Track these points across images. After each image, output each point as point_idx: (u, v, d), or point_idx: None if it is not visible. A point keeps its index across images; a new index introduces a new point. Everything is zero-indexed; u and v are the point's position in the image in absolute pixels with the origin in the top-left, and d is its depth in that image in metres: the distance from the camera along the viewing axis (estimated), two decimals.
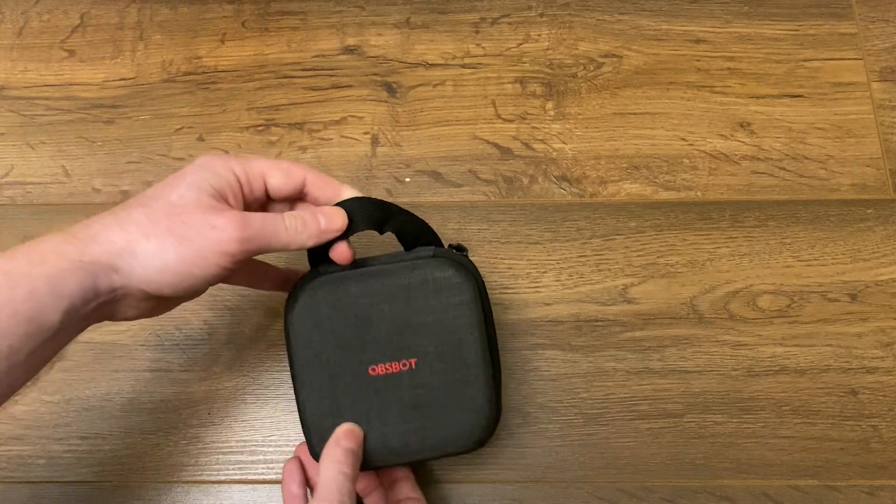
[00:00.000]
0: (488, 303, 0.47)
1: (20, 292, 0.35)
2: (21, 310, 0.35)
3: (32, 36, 0.68)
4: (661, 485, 0.52)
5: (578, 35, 0.67)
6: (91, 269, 0.37)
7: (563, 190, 0.61)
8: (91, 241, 0.38)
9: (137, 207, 0.40)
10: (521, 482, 0.52)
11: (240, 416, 0.54)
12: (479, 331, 0.46)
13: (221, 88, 0.65)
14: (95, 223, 0.39)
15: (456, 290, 0.46)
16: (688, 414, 0.54)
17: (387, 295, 0.45)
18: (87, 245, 0.38)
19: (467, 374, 0.45)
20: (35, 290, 0.36)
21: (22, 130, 0.64)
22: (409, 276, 0.46)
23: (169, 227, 0.39)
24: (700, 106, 0.64)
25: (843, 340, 0.56)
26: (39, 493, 0.52)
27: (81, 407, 0.54)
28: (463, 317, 0.45)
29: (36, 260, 0.36)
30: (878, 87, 0.65)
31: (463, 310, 0.45)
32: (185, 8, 0.69)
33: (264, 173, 0.43)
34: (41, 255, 0.37)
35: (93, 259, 0.38)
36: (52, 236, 0.38)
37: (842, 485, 0.52)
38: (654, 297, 0.57)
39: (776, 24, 0.67)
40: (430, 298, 0.46)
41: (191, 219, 0.39)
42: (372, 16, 0.68)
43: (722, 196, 0.61)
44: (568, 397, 0.54)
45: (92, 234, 0.38)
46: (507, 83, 0.65)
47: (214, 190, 0.41)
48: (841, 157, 0.62)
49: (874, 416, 0.54)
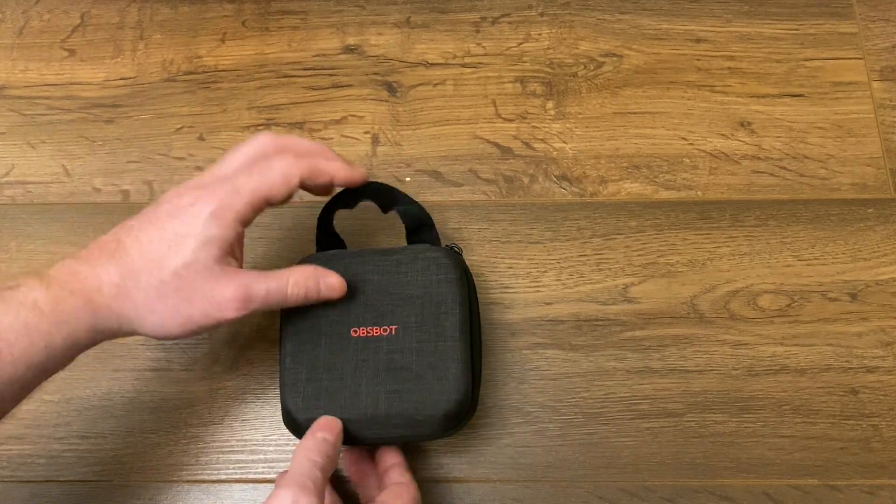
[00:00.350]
0: (475, 293, 0.50)
1: (39, 348, 0.39)
2: (35, 362, 0.39)
3: (33, 35, 0.68)
4: (661, 484, 0.52)
5: (579, 34, 0.67)
6: (102, 332, 0.42)
7: (564, 189, 0.61)
8: (107, 310, 0.41)
9: (145, 272, 0.42)
10: (521, 482, 0.52)
11: (240, 415, 0.54)
12: (462, 309, 0.48)
13: (222, 88, 0.65)
14: (106, 284, 0.41)
15: (444, 270, 0.49)
16: (688, 413, 0.54)
17: (378, 267, 0.49)
18: (102, 313, 0.41)
19: (445, 345, 0.47)
20: (51, 347, 0.40)
21: (22, 130, 0.64)
22: (402, 253, 0.49)
23: (176, 305, 0.42)
24: (700, 105, 0.64)
25: (844, 340, 0.56)
26: (40, 492, 0.52)
27: (82, 406, 0.55)
28: (448, 294, 0.48)
29: (56, 321, 0.40)
30: (879, 87, 0.64)
31: (449, 287, 0.48)
32: (185, 7, 0.69)
33: (269, 198, 0.44)
34: (61, 318, 0.40)
35: (107, 328, 0.42)
36: (71, 297, 0.41)
37: (842, 484, 0.52)
38: (655, 297, 0.57)
39: (777, 23, 0.67)
40: (418, 274, 0.48)
41: (196, 293, 0.42)
42: (372, 15, 0.68)
43: (722, 195, 0.61)
44: (568, 396, 0.54)
45: (104, 302, 0.41)
46: (507, 83, 0.65)
47: (221, 251, 0.42)
48: (841, 156, 0.62)
49: (874, 415, 0.54)
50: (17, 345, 0.39)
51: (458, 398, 0.46)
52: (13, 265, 0.59)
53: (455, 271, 0.49)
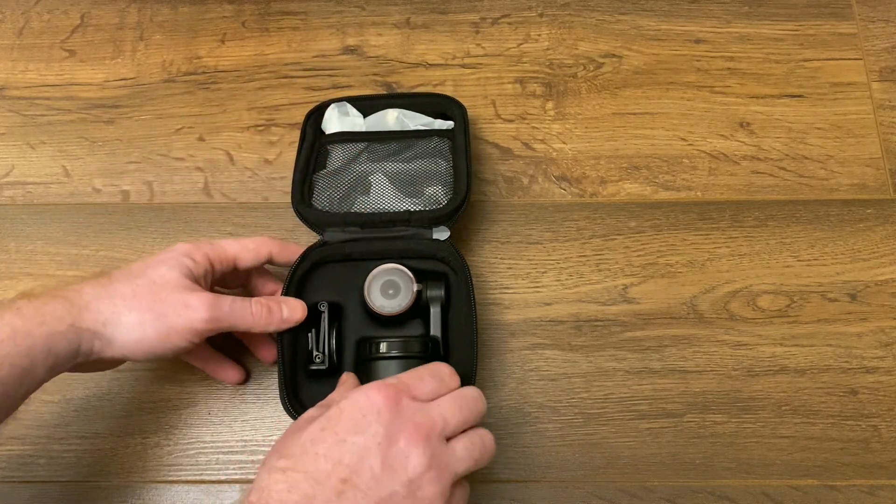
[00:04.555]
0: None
1: (22, 348, 0.41)
2: (18, 363, 0.41)
3: (33, 36, 0.68)
4: (660, 484, 0.52)
5: (578, 35, 0.67)
6: (80, 335, 0.43)
7: (563, 190, 0.61)
8: (84, 309, 0.44)
9: (123, 281, 0.45)
10: (521, 482, 0.52)
11: (240, 416, 0.54)
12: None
13: (222, 88, 0.65)
14: (87, 291, 0.44)
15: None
16: (688, 414, 0.54)
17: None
18: (80, 312, 0.43)
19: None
20: (33, 347, 0.41)
21: (22, 130, 0.64)
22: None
23: (150, 304, 0.45)
24: (700, 106, 0.64)
25: (843, 340, 0.56)
26: (40, 492, 0.52)
27: (82, 407, 0.55)
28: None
29: (38, 321, 0.42)
30: (878, 87, 0.65)
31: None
32: (185, 8, 0.69)
33: (236, 258, 0.50)
34: (42, 317, 0.42)
35: (84, 326, 0.43)
36: (52, 300, 0.43)
37: (841, 484, 0.52)
38: (654, 297, 0.57)
39: (776, 24, 0.67)
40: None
41: (168, 297, 0.45)
42: (372, 16, 0.68)
43: (722, 196, 0.61)
44: (568, 397, 0.55)
45: (85, 302, 0.44)
46: (507, 83, 0.65)
47: (190, 273, 0.47)
48: (841, 157, 0.62)
49: (874, 415, 0.54)
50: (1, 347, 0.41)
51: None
52: (12, 266, 0.59)
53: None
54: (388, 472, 0.37)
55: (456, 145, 0.57)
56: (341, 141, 0.58)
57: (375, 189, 0.55)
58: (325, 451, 0.37)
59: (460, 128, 0.58)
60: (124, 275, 0.46)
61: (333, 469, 0.37)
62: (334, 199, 0.55)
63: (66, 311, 0.43)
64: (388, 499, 0.37)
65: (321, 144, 0.58)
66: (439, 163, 0.56)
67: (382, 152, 0.57)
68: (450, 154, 0.57)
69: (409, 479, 0.37)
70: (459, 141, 0.57)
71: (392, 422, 0.38)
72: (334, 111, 0.59)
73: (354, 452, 0.37)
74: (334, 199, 0.55)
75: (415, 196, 0.55)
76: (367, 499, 0.36)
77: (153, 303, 0.45)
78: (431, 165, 0.56)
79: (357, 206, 0.55)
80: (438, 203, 0.54)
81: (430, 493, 0.37)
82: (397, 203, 0.54)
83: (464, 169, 0.55)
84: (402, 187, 0.55)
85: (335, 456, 0.37)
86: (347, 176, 0.56)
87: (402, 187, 0.55)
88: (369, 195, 0.55)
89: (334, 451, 0.37)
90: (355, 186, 0.56)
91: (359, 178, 0.56)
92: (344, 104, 0.60)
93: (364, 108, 0.60)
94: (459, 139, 0.57)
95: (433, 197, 0.55)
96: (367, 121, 0.59)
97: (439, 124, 0.59)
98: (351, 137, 0.58)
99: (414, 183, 0.55)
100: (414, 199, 0.55)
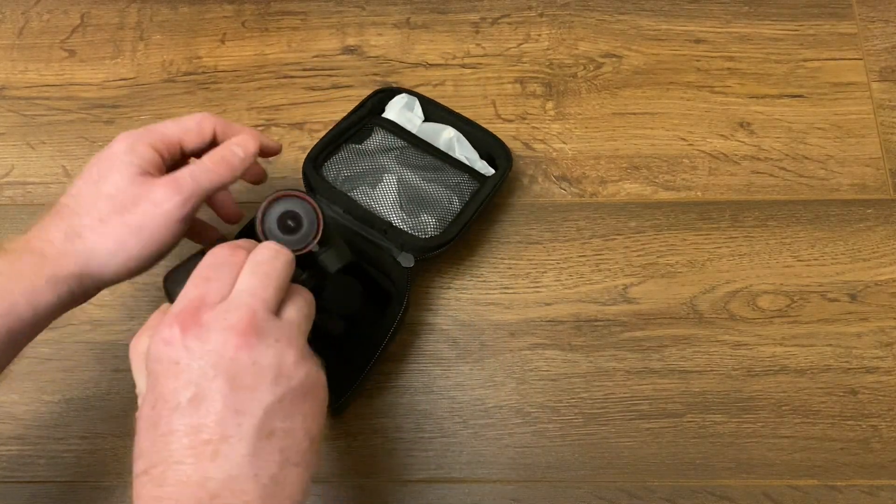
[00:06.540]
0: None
1: (1, 308, 0.39)
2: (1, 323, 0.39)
3: (33, 36, 0.68)
4: (661, 484, 0.52)
5: (578, 35, 0.67)
6: (67, 282, 0.41)
7: (563, 190, 0.61)
8: (61, 257, 0.42)
9: (84, 213, 0.43)
10: (521, 482, 0.52)
11: None
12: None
13: (222, 88, 0.65)
14: (55, 236, 0.42)
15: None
16: (688, 414, 0.54)
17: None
18: (57, 260, 0.41)
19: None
20: (15, 305, 0.40)
21: (22, 130, 0.64)
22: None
23: (121, 221, 0.42)
24: (700, 106, 0.64)
25: (843, 340, 0.56)
26: (40, 492, 0.52)
27: (81, 407, 0.54)
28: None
29: (15, 278, 0.40)
30: (878, 87, 0.65)
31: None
32: (185, 8, 0.69)
33: (181, 140, 0.46)
34: (19, 273, 0.41)
35: (68, 273, 0.41)
36: (25, 255, 0.41)
37: (842, 484, 0.52)
38: (654, 297, 0.57)
39: (776, 23, 0.67)
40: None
41: (136, 206, 0.43)
42: (372, 16, 0.68)
43: (722, 196, 0.61)
44: (568, 397, 0.55)
45: (57, 251, 0.42)
46: (507, 83, 0.65)
47: (141, 169, 0.44)
48: (841, 157, 0.62)
49: (874, 415, 0.54)
50: None
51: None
52: None
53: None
54: (246, 394, 0.33)
55: (479, 194, 0.56)
56: (389, 129, 0.58)
57: (381, 188, 0.55)
58: (171, 429, 0.33)
59: (494, 181, 0.57)
60: (79, 203, 0.43)
61: (192, 442, 0.32)
62: (341, 176, 0.55)
63: (42, 265, 0.41)
64: (269, 416, 0.33)
65: (371, 122, 0.58)
66: (453, 199, 0.55)
67: (413, 160, 0.56)
68: (467, 198, 0.56)
69: (273, 378, 0.34)
70: (484, 192, 0.56)
71: (208, 343, 0.34)
72: (402, 101, 0.59)
73: (200, 406, 0.33)
74: (341, 175, 0.55)
75: (409, 214, 0.54)
76: (246, 439, 0.33)
77: (123, 218, 0.42)
78: (444, 197, 0.55)
79: (356, 194, 0.54)
80: (423, 232, 0.54)
81: (299, 372, 0.35)
82: (389, 211, 0.54)
83: (467, 218, 0.54)
84: (405, 199, 0.55)
85: (183, 428, 0.33)
86: (368, 162, 0.56)
87: (405, 200, 0.55)
88: (374, 190, 0.55)
89: (180, 422, 0.33)
90: (367, 176, 0.55)
91: (375, 170, 0.56)
92: (414, 100, 0.60)
93: (428, 112, 0.60)
94: (485, 191, 0.56)
95: (423, 224, 0.54)
96: (423, 125, 0.59)
97: (481, 166, 0.58)
98: (398, 131, 0.58)
99: (418, 202, 0.55)
100: (405, 216, 0.54)
